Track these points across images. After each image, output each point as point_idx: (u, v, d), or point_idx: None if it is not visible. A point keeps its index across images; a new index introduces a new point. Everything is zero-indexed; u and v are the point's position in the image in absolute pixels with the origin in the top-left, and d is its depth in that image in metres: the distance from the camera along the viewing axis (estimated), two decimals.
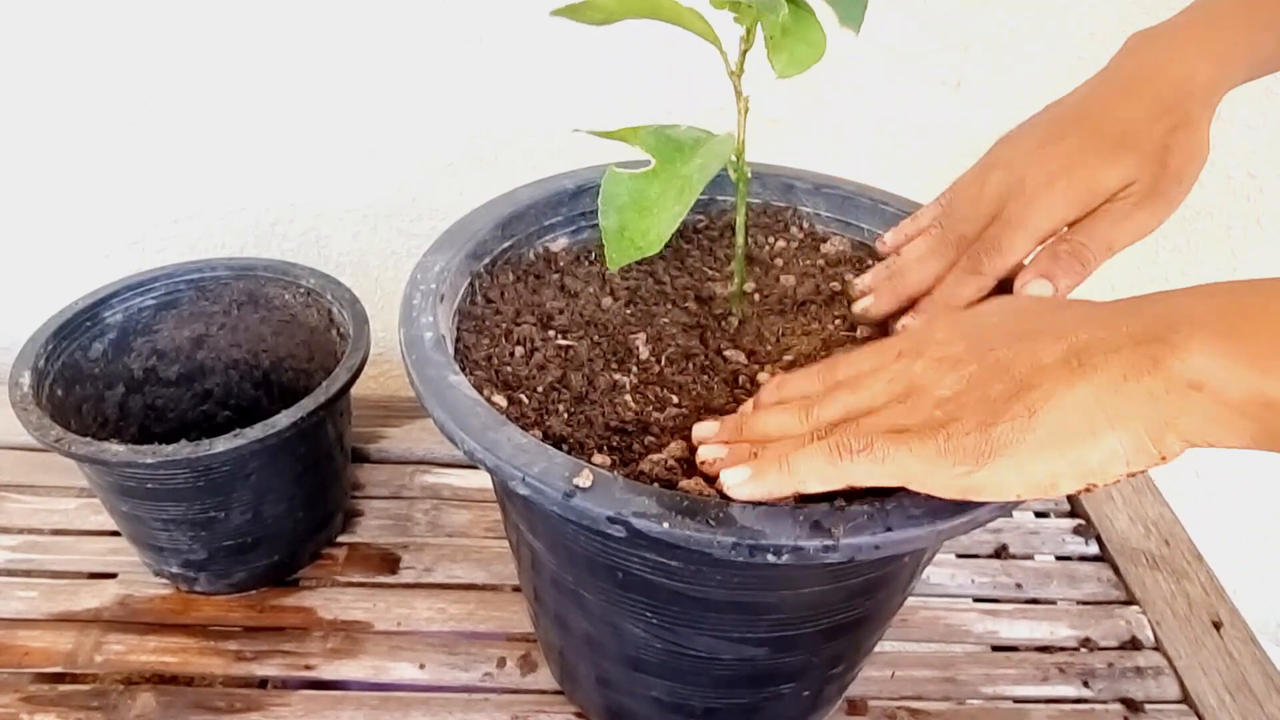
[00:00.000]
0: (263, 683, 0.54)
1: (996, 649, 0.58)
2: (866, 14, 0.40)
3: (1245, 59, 0.42)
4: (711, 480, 0.36)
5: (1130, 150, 0.40)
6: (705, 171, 0.38)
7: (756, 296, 0.50)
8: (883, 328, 0.46)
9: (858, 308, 0.46)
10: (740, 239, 0.47)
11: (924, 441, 0.32)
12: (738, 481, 0.34)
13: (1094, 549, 0.66)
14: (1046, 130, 0.43)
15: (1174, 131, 0.40)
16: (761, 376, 0.44)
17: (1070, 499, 0.70)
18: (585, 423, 0.40)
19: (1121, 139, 0.40)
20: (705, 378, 0.44)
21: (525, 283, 0.50)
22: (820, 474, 0.33)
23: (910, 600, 0.60)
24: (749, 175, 0.45)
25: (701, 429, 0.39)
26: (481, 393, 0.39)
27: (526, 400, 0.41)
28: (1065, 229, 0.42)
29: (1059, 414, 0.30)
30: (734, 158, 0.44)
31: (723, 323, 0.48)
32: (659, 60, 0.71)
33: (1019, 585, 0.62)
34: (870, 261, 0.53)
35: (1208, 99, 0.41)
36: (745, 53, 0.41)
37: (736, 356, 0.45)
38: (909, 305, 0.45)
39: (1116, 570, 0.64)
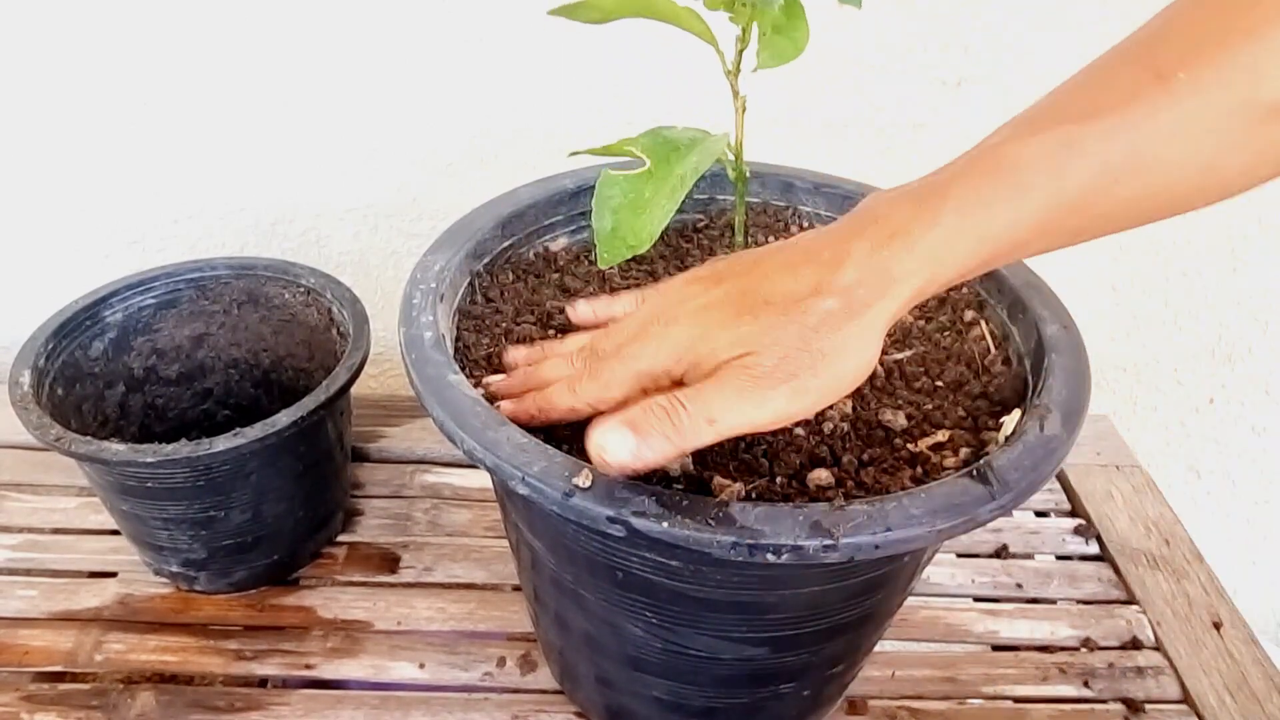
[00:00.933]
0: (263, 682, 0.54)
1: (997, 649, 0.58)
2: (867, 13, 0.40)
3: (963, 258, 0.32)
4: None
5: (755, 319, 0.33)
6: (699, 170, 0.38)
7: None
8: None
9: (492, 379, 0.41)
10: (739, 238, 0.47)
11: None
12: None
13: (1094, 549, 0.66)
14: (716, 274, 0.36)
15: (833, 314, 0.32)
16: None
17: (1071, 499, 0.70)
18: (584, 422, 0.40)
19: (754, 307, 0.33)
20: None
21: (525, 282, 0.50)
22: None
23: (910, 600, 0.60)
24: (748, 174, 0.45)
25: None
26: (481, 392, 0.39)
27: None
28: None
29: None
30: (732, 157, 0.44)
31: None
32: (659, 60, 0.71)
33: (1019, 585, 0.62)
34: None
35: (891, 293, 0.32)
36: (741, 52, 0.41)
37: None
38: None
39: (1117, 570, 0.64)
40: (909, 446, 0.40)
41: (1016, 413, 0.40)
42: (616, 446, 0.33)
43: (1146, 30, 0.33)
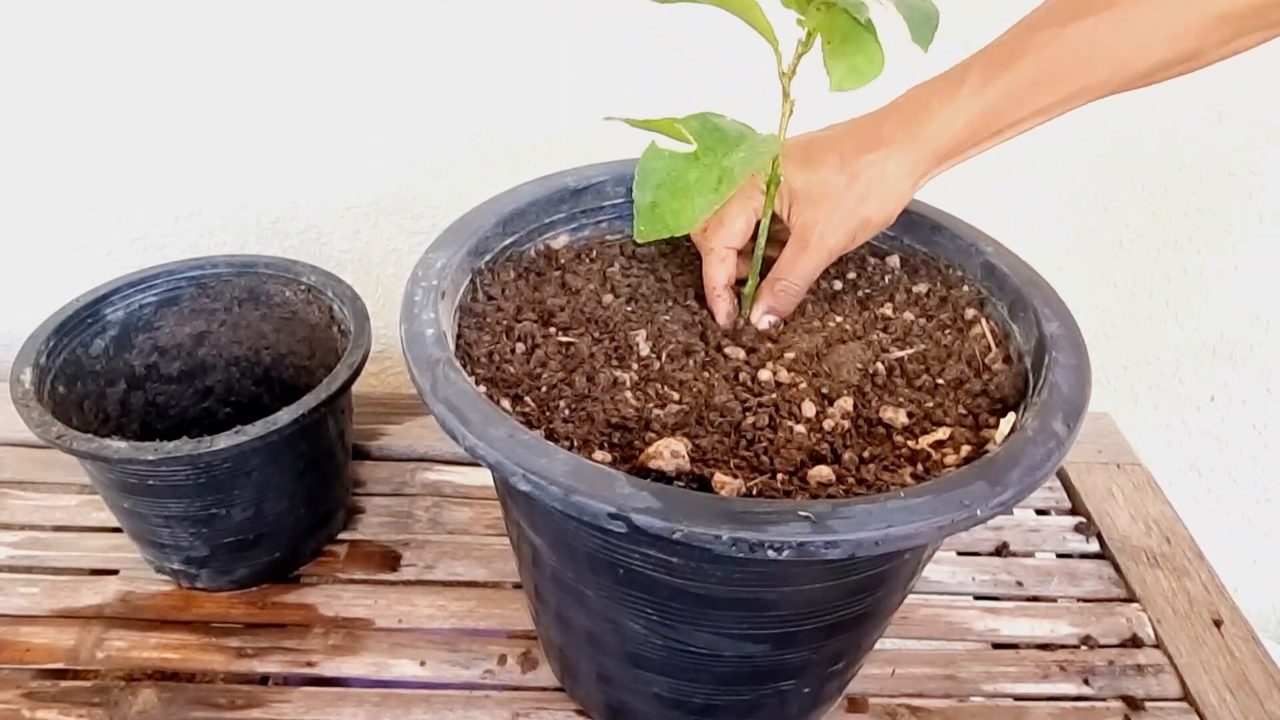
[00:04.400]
0: (264, 679, 0.54)
1: (997, 646, 0.58)
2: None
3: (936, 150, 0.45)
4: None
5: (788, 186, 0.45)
6: (748, 166, 0.38)
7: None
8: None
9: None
10: (762, 240, 0.46)
11: None
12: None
13: (1095, 547, 0.66)
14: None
15: (807, 188, 0.45)
16: (763, 374, 0.44)
17: (1071, 497, 0.70)
18: (586, 419, 0.40)
19: (804, 162, 0.46)
20: (706, 375, 0.44)
21: (526, 280, 0.50)
22: None
23: (911, 598, 0.60)
24: (779, 176, 0.45)
25: None
26: (482, 389, 0.39)
27: (527, 397, 0.41)
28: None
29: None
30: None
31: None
32: (659, 60, 0.71)
33: (1019, 583, 0.62)
34: (872, 260, 0.53)
35: (859, 171, 0.45)
36: (801, 55, 0.41)
37: (736, 354, 0.45)
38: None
39: (1117, 568, 0.64)
40: (910, 444, 0.40)
41: (1013, 415, 0.41)
42: None
43: None
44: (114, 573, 0.60)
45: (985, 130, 0.45)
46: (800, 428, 0.40)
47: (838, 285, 0.51)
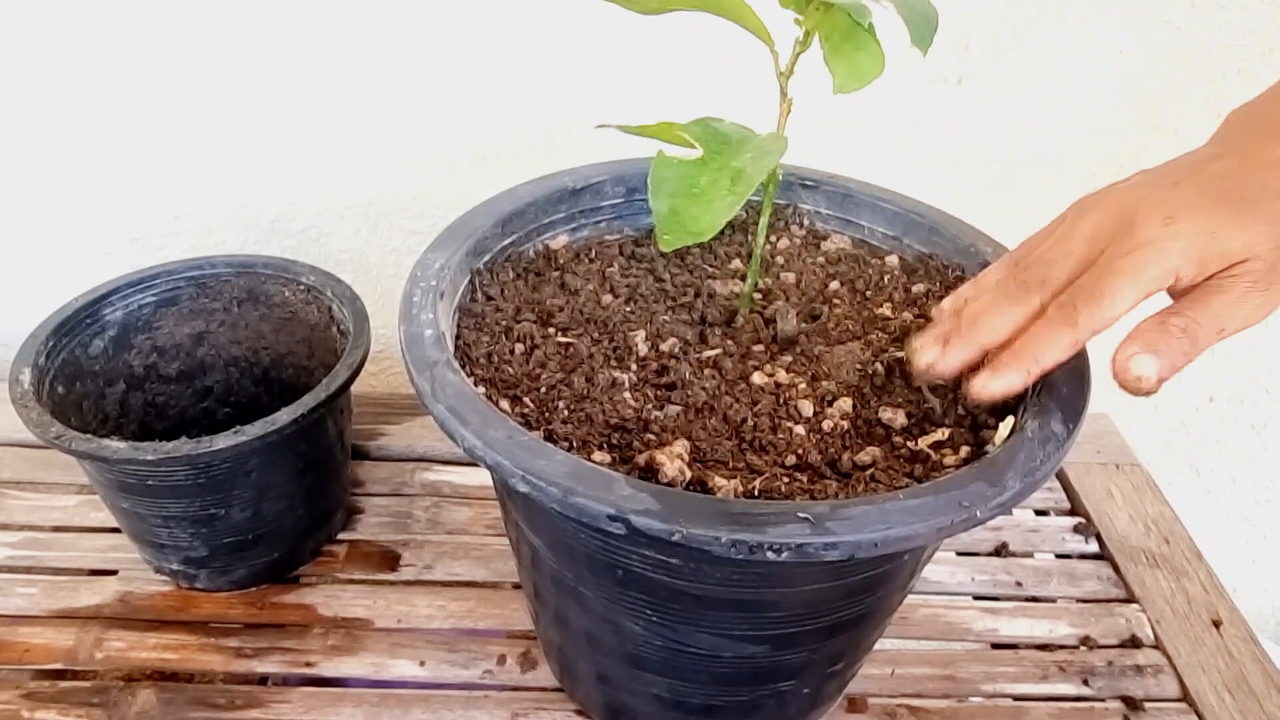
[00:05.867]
0: (263, 680, 0.54)
1: (996, 647, 0.58)
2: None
3: None
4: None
5: (1260, 218, 0.33)
6: (759, 165, 0.38)
7: (757, 295, 0.50)
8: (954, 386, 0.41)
9: (921, 362, 0.39)
10: (761, 239, 0.46)
11: None
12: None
13: (1094, 547, 0.66)
14: (1159, 175, 0.36)
15: None
16: (762, 375, 0.44)
17: (1070, 497, 0.70)
18: (585, 420, 0.40)
19: (1251, 202, 0.34)
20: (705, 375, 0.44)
21: (525, 280, 0.50)
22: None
23: (910, 598, 0.60)
24: (778, 176, 0.45)
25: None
26: (481, 390, 0.39)
27: (526, 398, 0.41)
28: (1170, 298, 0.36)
29: None
30: None
31: (723, 321, 0.48)
32: (660, 59, 0.71)
33: (1019, 583, 0.62)
34: (872, 260, 0.53)
35: None
36: (798, 55, 0.41)
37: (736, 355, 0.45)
38: (981, 361, 0.37)
39: (1116, 568, 0.64)
40: (909, 444, 0.40)
41: (1012, 416, 0.41)
42: (1147, 370, 0.34)
43: None
44: (113, 573, 0.60)
45: None
46: (799, 428, 0.40)
47: (835, 286, 0.51)
